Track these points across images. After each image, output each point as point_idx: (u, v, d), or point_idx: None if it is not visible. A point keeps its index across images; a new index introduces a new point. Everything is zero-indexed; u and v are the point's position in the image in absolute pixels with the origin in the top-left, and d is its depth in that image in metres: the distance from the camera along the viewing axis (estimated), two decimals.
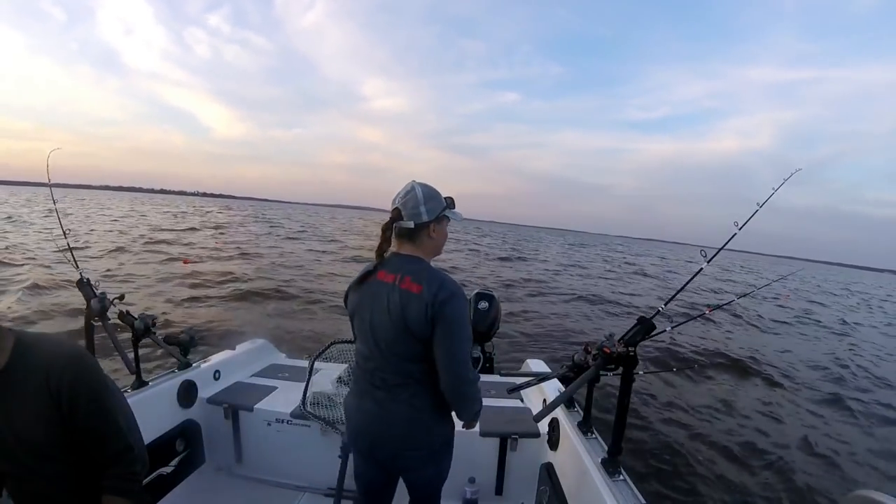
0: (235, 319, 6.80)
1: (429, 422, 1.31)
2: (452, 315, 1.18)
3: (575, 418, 1.97)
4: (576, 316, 8.94)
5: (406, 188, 1.28)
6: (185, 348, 2.32)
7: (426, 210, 1.25)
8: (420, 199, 1.25)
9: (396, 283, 1.22)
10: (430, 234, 1.29)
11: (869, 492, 0.83)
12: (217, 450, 2.26)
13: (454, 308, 1.19)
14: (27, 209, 28.57)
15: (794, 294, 18.78)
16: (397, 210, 1.26)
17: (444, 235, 1.34)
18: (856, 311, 16.45)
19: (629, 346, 1.56)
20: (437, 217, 1.28)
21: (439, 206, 1.29)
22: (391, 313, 1.21)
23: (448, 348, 1.20)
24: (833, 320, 12.34)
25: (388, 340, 1.24)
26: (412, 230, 1.26)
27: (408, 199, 1.25)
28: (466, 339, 1.23)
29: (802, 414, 4.73)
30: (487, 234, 47.94)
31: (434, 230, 1.29)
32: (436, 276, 1.23)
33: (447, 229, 1.35)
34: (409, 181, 1.29)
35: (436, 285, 1.19)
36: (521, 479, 2.10)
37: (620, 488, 1.47)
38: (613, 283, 15.69)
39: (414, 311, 1.18)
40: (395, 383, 1.27)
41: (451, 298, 1.19)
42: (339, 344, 2.28)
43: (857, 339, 9.61)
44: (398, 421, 1.28)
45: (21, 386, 0.99)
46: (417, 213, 1.25)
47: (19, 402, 0.99)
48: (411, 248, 1.29)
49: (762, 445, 3.95)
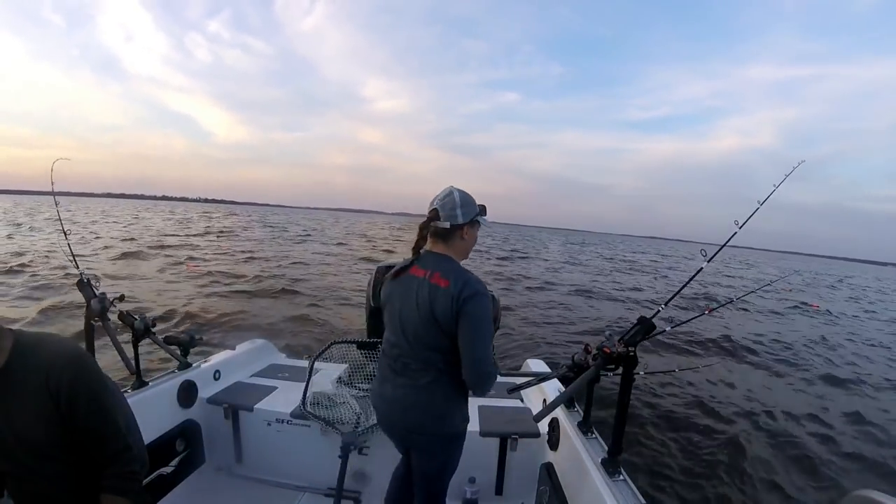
0: (259, 317, 6.89)
1: (443, 409, 1.38)
2: (474, 311, 1.27)
3: (575, 418, 1.97)
4: (576, 315, 8.94)
5: (445, 192, 1.38)
6: (185, 348, 2.32)
7: (462, 213, 1.35)
8: (457, 203, 1.35)
9: (426, 278, 1.32)
10: (462, 236, 1.39)
11: (869, 492, 0.83)
12: (217, 450, 2.26)
13: (476, 305, 1.27)
14: (28, 217, 28.59)
15: (797, 289, 18.70)
16: (435, 211, 1.36)
17: (474, 239, 1.44)
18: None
19: (629, 346, 1.56)
20: (470, 221, 1.38)
21: (473, 211, 1.39)
22: (419, 306, 1.31)
23: (470, 342, 1.29)
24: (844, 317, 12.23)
25: (415, 330, 1.33)
26: (447, 230, 1.36)
27: (446, 202, 1.36)
28: (488, 335, 1.32)
29: (803, 414, 4.73)
30: (489, 235, 48.12)
31: (466, 232, 1.39)
32: (462, 274, 1.33)
33: (477, 233, 1.45)
34: (448, 186, 1.40)
35: (461, 282, 1.29)
36: (521, 479, 2.10)
37: (620, 488, 1.47)
38: (613, 280, 15.69)
39: (441, 304, 1.27)
40: (416, 369, 1.37)
41: (474, 296, 1.27)
42: (339, 344, 2.28)
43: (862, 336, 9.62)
44: (414, 404, 1.38)
45: (21, 386, 0.99)
46: (454, 216, 1.35)
47: (19, 401, 0.99)
48: (443, 248, 1.39)
49: (763, 445, 3.96)
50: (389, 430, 1.50)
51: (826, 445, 4.09)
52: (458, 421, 1.43)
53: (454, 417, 1.41)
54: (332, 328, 6.58)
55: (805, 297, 14.90)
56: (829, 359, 7.20)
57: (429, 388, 1.36)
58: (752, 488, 3.30)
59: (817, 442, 4.14)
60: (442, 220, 1.35)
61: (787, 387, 5.59)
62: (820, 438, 4.21)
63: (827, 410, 4.87)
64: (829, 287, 24.21)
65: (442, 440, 1.42)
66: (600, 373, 1.74)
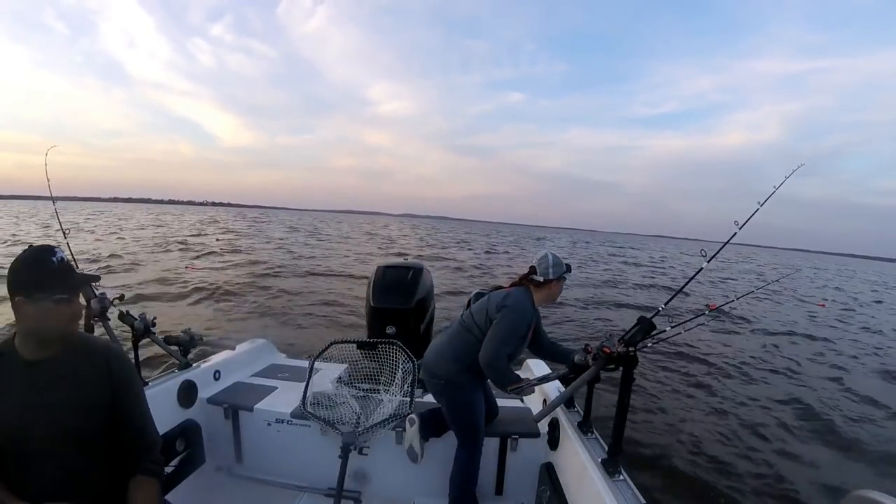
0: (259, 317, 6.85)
1: (451, 353, 1.90)
2: (501, 317, 1.79)
3: (575, 418, 1.97)
4: (576, 315, 8.94)
5: (541, 255, 1.91)
6: (185, 348, 2.32)
7: (552, 272, 1.88)
8: (549, 264, 1.88)
9: (505, 290, 1.92)
10: (549, 287, 1.90)
11: (869, 492, 0.83)
12: (217, 450, 2.26)
13: (503, 314, 1.80)
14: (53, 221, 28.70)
15: (798, 289, 18.65)
16: (533, 268, 1.89)
17: (559, 290, 1.95)
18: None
19: (629, 346, 1.56)
20: (558, 277, 1.89)
21: (560, 270, 1.89)
22: (490, 297, 1.92)
23: (490, 338, 1.79)
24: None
25: (475, 309, 1.93)
26: (540, 283, 1.89)
27: (541, 262, 1.89)
28: (506, 331, 1.78)
29: (804, 413, 4.73)
30: (492, 235, 48.11)
31: (552, 286, 1.91)
32: (513, 294, 1.86)
33: (562, 286, 1.95)
34: (545, 251, 1.92)
35: (513, 296, 1.85)
36: (521, 479, 2.10)
37: (620, 488, 1.47)
38: (615, 280, 15.68)
39: (498, 300, 1.85)
40: (457, 330, 1.94)
41: (503, 308, 1.80)
42: (339, 344, 2.28)
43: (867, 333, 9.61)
44: (439, 349, 1.95)
45: (73, 375, 1.10)
46: (546, 273, 1.88)
47: (69, 391, 1.09)
48: (535, 290, 1.91)
49: (764, 445, 3.96)
50: (424, 371, 2.00)
51: (827, 446, 4.09)
52: (456, 374, 1.87)
53: (455, 371, 1.87)
54: (332, 328, 6.59)
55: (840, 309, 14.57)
56: (831, 356, 7.20)
57: (452, 341, 1.92)
58: (753, 488, 3.30)
59: (819, 442, 4.14)
60: (538, 275, 1.87)
61: (787, 386, 5.59)
62: (821, 438, 4.21)
63: (830, 410, 4.87)
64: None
65: (443, 383, 1.90)
66: (600, 373, 1.74)
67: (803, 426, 4.44)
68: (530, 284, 1.91)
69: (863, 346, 8.38)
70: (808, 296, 16.18)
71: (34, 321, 1.04)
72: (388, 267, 3.09)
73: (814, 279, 26.09)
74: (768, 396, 5.10)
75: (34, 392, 1.07)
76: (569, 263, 1.92)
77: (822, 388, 5.66)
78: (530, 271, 1.89)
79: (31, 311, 1.02)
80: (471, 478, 1.93)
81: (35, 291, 1.01)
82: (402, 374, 2.22)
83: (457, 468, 1.94)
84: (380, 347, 2.30)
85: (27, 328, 1.06)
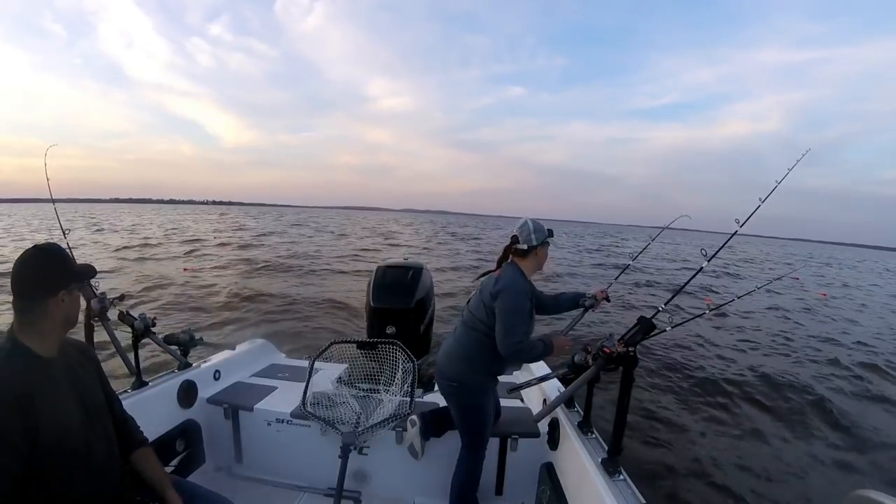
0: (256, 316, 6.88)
1: (462, 355, 1.84)
2: (500, 303, 1.72)
3: (575, 418, 1.97)
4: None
5: (521, 222, 1.85)
6: (185, 348, 2.32)
7: (535, 237, 1.81)
8: (530, 230, 1.81)
9: (495, 275, 1.84)
10: (535, 254, 1.84)
11: (869, 491, 0.83)
12: (217, 450, 2.26)
13: (501, 300, 1.72)
14: (73, 223, 28.91)
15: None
16: (515, 237, 1.83)
17: (545, 255, 1.89)
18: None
19: (629, 346, 1.57)
20: (541, 242, 1.82)
21: (542, 235, 1.83)
22: (481, 288, 1.89)
23: (501, 329, 1.71)
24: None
25: (470, 304, 1.91)
26: (525, 251, 1.83)
27: (522, 230, 1.82)
28: (511, 314, 1.71)
29: (805, 413, 4.73)
30: (496, 227, 47.97)
31: (538, 251, 1.84)
32: (503, 276, 1.79)
33: (547, 251, 1.89)
34: (523, 218, 1.86)
35: (506, 275, 1.79)
36: (521, 479, 2.10)
37: (620, 488, 1.47)
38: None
39: (489, 285, 1.81)
40: (462, 330, 1.89)
41: (498, 293, 1.73)
42: (339, 344, 2.28)
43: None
44: (448, 351, 1.89)
45: (77, 364, 1.19)
46: (529, 240, 1.81)
47: (82, 375, 1.18)
48: (520, 261, 1.85)
49: (765, 444, 3.95)
50: (438, 371, 1.92)
51: (828, 446, 4.08)
52: (471, 376, 1.83)
53: (469, 372, 1.83)
54: (332, 328, 6.58)
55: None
56: (834, 356, 7.19)
57: (460, 341, 1.87)
58: (754, 488, 3.29)
59: (820, 442, 4.13)
60: (521, 243, 1.81)
61: (789, 385, 5.58)
62: (822, 439, 4.21)
63: (832, 409, 4.86)
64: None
65: (456, 386, 1.85)
66: (600, 373, 1.74)
67: (804, 426, 4.44)
68: (516, 257, 1.86)
69: (865, 340, 8.37)
70: (810, 287, 16.15)
71: (72, 312, 1.14)
72: (387, 267, 3.09)
73: (817, 271, 25.92)
74: (770, 395, 5.09)
75: (73, 388, 1.13)
76: (550, 228, 1.86)
77: (824, 385, 5.65)
78: (512, 241, 1.83)
79: (70, 304, 1.12)
80: (474, 480, 1.92)
81: (73, 283, 1.12)
82: (402, 373, 2.22)
83: (461, 470, 1.92)
84: (380, 347, 2.30)
85: (67, 321, 1.14)
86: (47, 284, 1.07)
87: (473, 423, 1.88)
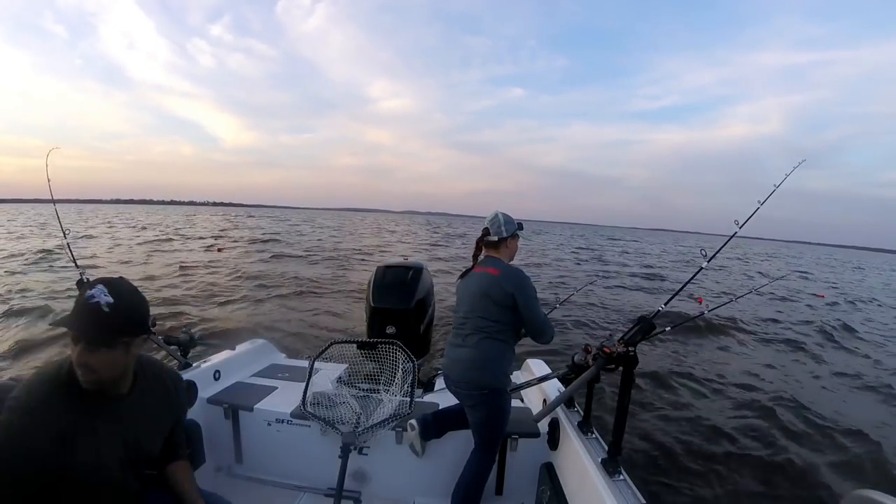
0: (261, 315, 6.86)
1: (487, 363, 1.80)
2: (523, 287, 1.76)
3: (575, 418, 1.97)
4: (576, 315, 8.93)
5: (492, 215, 1.91)
6: (184, 348, 2.32)
7: (505, 230, 1.88)
8: (501, 222, 1.88)
9: (483, 272, 1.85)
10: (506, 245, 1.92)
11: (868, 491, 0.83)
12: (217, 450, 2.26)
13: (522, 284, 1.77)
14: (84, 223, 29.03)
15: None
16: (486, 229, 1.90)
17: (515, 246, 1.96)
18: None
19: (629, 346, 1.57)
20: (511, 234, 1.90)
21: (512, 227, 1.91)
22: (477, 289, 1.83)
23: (526, 308, 1.76)
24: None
25: (470, 307, 1.85)
26: (496, 242, 1.90)
27: (493, 222, 1.89)
28: (536, 302, 1.79)
29: (806, 412, 4.72)
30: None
31: (508, 243, 1.92)
32: (504, 269, 1.83)
33: (518, 242, 1.97)
34: (494, 211, 1.92)
35: (506, 271, 1.82)
36: (521, 479, 2.10)
37: (620, 488, 1.47)
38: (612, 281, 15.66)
39: (494, 286, 1.78)
40: (469, 333, 1.84)
41: (518, 286, 1.76)
42: (339, 344, 2.28)
43: None
44: (467, 360, 1.82)
45: (150, 400, 1.18)
46: (499, 231, 1.88)
47: (147, 417, 1.17)
48: (495, 253, 1.92)
49: (766, 444, 3.95)
50: (454, 383, 1.89)
51: (829, 446, 4.08)
52: (498, 378, 1.81)
53: (496, 375, 1.80)
54: (332, 328, 6.58)
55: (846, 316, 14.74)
56: (836, 355, 7.18)
57: (477, 346, 1.81)
58: (754, 487, 3.29)
59: (822, 442, 4.13)
60: (491, 235, 1.88)
61: (788, 386, 5.58)
62: (823, 439, 4.20)
63: (834, 407, 4.86)
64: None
65: (485, 392, 1.79)
66: (600, 373, 1.74)
67: (805, 426, 4.43)
68: (488, 249, 1.92)
69: (867, 339, 8.37)
70: (808, 289, 16.16)
71: (131, 360, 1.11)
72: (387, 267, 3.09)
73: (818, 270, 25.92)
74: (770, 395, 5.09)
75: (122, 426, 1.11)
76: (519, 222, 1.93)
77: (824, 385, 5.66)
78: (484, 233, 1.90)
79: (134, 352, 1.10)
80: (483, 480, 1.89)
81: (142, 333, 1.11)
82: (402, 374, 2.22)
83: (472, 471, 1.87)
84: (380, 347, 2.30)
85: (128, 368, 1.11)
86: (125, 331, 1.04)
87: (498, 425, 1.86)
